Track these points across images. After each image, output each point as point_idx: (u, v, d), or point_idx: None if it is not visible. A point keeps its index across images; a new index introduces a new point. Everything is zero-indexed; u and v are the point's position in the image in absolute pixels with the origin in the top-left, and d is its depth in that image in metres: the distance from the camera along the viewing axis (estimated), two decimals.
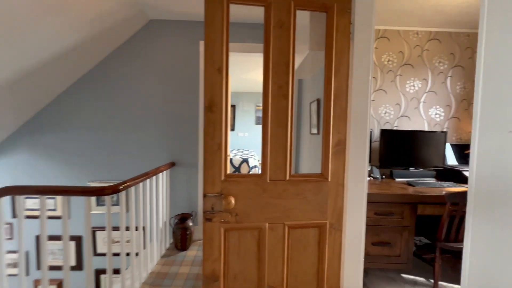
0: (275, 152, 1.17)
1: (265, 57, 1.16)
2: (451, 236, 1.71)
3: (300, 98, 2.35)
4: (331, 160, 1.23)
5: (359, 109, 1.25)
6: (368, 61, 1.23)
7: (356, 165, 1.27)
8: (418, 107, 2.53)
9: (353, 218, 1.28)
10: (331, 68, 1.21)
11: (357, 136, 1.26)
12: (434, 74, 2.52)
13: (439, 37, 2.50)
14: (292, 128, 1.19)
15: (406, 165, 2.33)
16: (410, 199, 1.71)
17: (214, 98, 1.11)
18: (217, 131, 1.12)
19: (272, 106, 1.16)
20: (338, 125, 1.23)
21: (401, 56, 2.48)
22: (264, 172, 1.17)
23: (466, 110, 2.59)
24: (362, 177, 1.28)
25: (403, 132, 2.34)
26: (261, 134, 1.18)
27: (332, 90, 1.21)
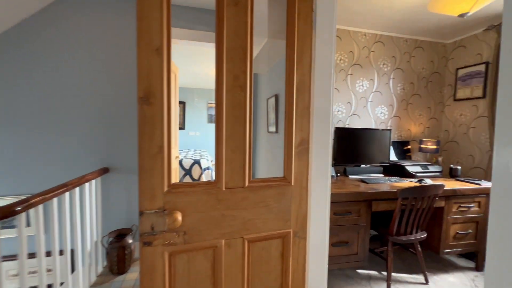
0: (231, 155, 0.98)
1: (218, 41, 0.95)
2: (401, 230, 1.78)
3: (255, 94, 2.20)
4: (294, 162, 1.10)
5: (322, 105, 1.15)
6: (331, 52, 1.14)
7: (319, 165, 1.17)
8: (366, 106, 2.65)
9: (317, 223, 1.18)
10: (293, 58, 1.07)
11: (320, 134, 1.16)
12: (379, 75, 2.67)
13: (383, 40, 2.65)
14: (251, 126, 1.02)
15: (357, 162, 2.41)
16: (366, 196, 1.73)
17: (152, 87, 0.86)
18: (157, 130, 0.87)
19: (227, 100, 0.96)
20: (301, 122, 1.11)
21: (352, 56, 2.55)
22: (218, 179, 0.97)
23: (405, 109, 2.82)
24: (325, 178, 1.18)
25: (355, 130, 2.40)
26: (214, 133, 0.98)
27: (295, 83, 1.08)
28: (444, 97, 2.95)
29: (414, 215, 1.75)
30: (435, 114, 2.94)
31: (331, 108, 1.18)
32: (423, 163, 2.47)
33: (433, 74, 2.89)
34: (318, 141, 1.15)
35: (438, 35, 2.73)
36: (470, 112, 2.68)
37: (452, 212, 2.01)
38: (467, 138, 2.70)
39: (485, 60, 2.55)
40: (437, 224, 2.03)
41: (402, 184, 2.01)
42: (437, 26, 2.51)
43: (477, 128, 2.61)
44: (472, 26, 2.53)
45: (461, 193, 1.99)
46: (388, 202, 1.81)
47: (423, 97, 2.88)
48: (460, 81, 2.77)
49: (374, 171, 2.42)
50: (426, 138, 2.88)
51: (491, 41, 2.50)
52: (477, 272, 2.12)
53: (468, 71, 2.69)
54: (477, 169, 2.60)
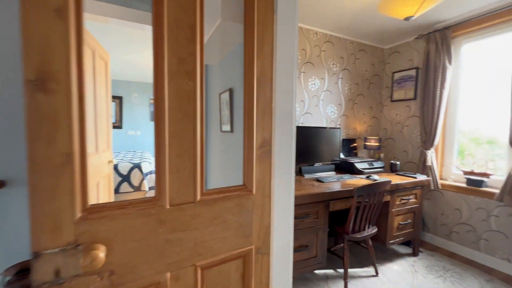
0: (177, 161, 0.76)
1: (156, 10, 0.72)
2: (355, 227, 1.81)
3: (206, 88, 1.97)
4: (256, 166, 0.94)
5: (284, 101, 1.01)
6: (294, 41, 1.01)
7: (283, 169, 1.03)
8: (318, 104, 2.67)
9: (281, 234, 1.05)
10: (252, 44, 0.90)
11: (283, 134, 1.02)
12: (329, 74, 2.73)
13: (332, 40, 2.71)
14: (203, 123, 0.81)
15: (312, 160, 2.40)
16: (324, 197, 1.69)
17: (51, 66, 0.57)
18: (62, 130, 0.59)
19: (171, 90, 0.74)
20: (262, 120, 0.95)
21: (304, 54, 2.54)
22: (160, 194, 0.74)
23: (351, 109, 2.96)
24: (289, 183, 1.05)
25: (308, 129, 2.38)
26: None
27: (255, 74, 0.92)
28: (383, 98, 3.21)
29: (367, 211, 1.80)
30: (376, 113, 3.18)
31: (294, 105, 1.05)
32: (368, 160, 2.61)
33: (374, 76, 3.12)
34: (281, 141, 1.01)
35: (378, 40, 2.94)
36: (404, 112, 2.96)
37: (395, 205, 2.15)
38: (402, 136, 2.99)
39: (415, 65, 2.84)
40: (383, 217, 2.15)
41: (354, 182, 2.06)
42: (378, 32, 2.69)
43: (410, 127, 2.90)
44: (405, 34, 2.79)
45: (402, 187, 2.14)
46: (344, 200, 1.81)
47: (366, 97, 3.07)
48: (396, 83, 3.04)
49: (327, 169, 2.46)
50: (369, 136, 3.09)
51: (420, 49, 2.79)
52: (414, 258, 2.33)
53: (402, 75, 2.97)
54: (411, 163, 2.89)
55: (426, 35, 2.63)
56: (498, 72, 2.27)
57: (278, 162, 1.00)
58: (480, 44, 2.40)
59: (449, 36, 2.44)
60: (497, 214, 2.20)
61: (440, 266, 2.20)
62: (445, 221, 2.57)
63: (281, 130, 1.01)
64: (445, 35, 2.46)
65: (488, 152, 2.35)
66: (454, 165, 2.58)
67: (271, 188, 0.99)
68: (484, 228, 2.28)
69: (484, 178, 2.29)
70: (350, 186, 1.88)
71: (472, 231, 2.37)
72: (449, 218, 2.53)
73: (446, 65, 2.46)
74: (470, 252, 2.37)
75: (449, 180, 2.60)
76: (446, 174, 2.64)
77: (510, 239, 2.13)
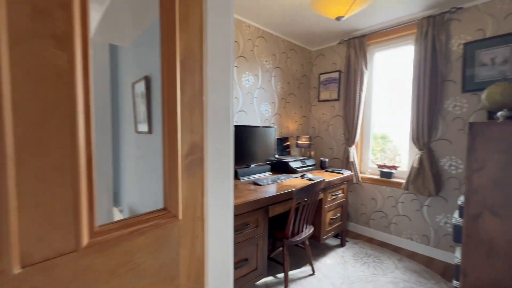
0: (38, 188, 0.44)
1: None
2: (294, 230, 1.75)
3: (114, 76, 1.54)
4: (183, 181, 0.69)
5: (220, 93, 0.79)
6: (230, 12, 0.79)
7: (219, 180, 0.80)
8: (252, 102, 2.55)
9: (218, 262, 0.83)
10: (173, 13, 0.64)
11: (219, 136, 0.80)
12: (263, 71, 2.64)
13: (265, 36, 2.63)
14: (91, 121, 0.51)
15: (247, 162, 2.25)
16: (263, 203, 1.55)
17: None
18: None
19: (18, 62, 0.41)
20: (190, 119, 0.70)
21: (237, 47, 2.36)
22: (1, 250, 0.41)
23: (284, 107, 2.97)
24: (227, 198, 0.84)
25: (244, 128, 2.22)
26: None
27: (178, 54, 0.66)
28: (311, 98, 3.36)
29: (305, 212, 1.76)
30: (305, 112, 3.30)
31: (231, 98, 0.84)
32: (301, 158, 2.66)
33: (303, 76, 3.22)
34: (216, 146, 0.79)
35: (306, 41, 3.04)
36: (330, 111, 3.17)
37: (327, 201, 2.23)
38: (328, 134, 3.19)
39: (338, 68, 3.06)
40: (317, 215, 2.19)
41: (291, 182, 2.02)
42: (307, 33, 2.76)
43: (334, 125, 3.12)
44: (329, 39, 2.96)
45: (333, 183, 2.23)
46: (283, 204, 1.73)
47: (297, 97, 3.14)
48: (322, 85, 3.22)
49: (263, 170, 2.36)
50: (300, 135, 3.18)
51: (342, 53, 3.02)
52: (343, 248, 2.49)
53: (327, 77, 3.16)
54: (336, 160, 3.12)
55: (346, 41, 2.85)
56: (401, 79, 2.65)
57: (212, 172, 0.77)
58: (387, 53, 2.74)
59: (365, 43, 2.70)
60: (402, 201, 2.56)
61: (363, 253, 2.41)
62: (364, 210, 2.86)
63: (216, 131, 0.78)
64: (362, 42, 2.71)
65: (395, 147, 2.72)
66: (370, 159, 2.90)
67: (204, 208, 0.76)
68: (393, 213, 2.63)
69: (392, 170, 2.63)
70: (288, 187, 1.82)
71: (384, 217, 2.70)
72: (367, 207, 2.83)
73: (363, 69, 2.71)
74: (383, 235, 2.70)
75: (366, 173, 2.91)
76: (364, 168, 2.95)
77: (412, 221, 2.50)
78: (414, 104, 2.35)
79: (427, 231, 2.41)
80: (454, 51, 2.23)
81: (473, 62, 2.13)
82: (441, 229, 2.32)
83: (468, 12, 2.14)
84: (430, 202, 2.38)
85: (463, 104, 2.19)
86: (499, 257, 1.41)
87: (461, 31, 2.18)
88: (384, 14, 2.34)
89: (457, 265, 1.65)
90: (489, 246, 1.44)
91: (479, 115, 2.11)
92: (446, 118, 2.28)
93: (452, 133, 2.24)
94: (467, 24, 2.15)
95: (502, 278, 1.39)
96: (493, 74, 2.06)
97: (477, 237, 1.48)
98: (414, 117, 2.35)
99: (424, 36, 2.27)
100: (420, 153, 2.32)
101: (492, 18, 2.04)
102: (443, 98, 2.29)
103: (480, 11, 2.09)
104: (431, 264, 2.26)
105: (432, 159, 2.31)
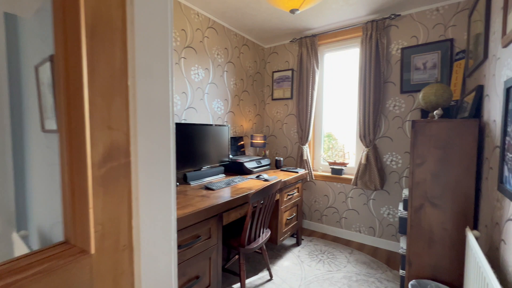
0: None
1: None
2: (251, 236, 1.62)
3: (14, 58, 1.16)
4: (96, 198, 0.48)
5: (154, 78, 0.59)
6: None
7: (155, 193, 0.61)
8: (203, 98, 2.33)
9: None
10: None
11: (153, 135, 0.60)
12: (214, 65, 2.44)
13: (216, 28, 2.44)
14: None
15: (198, 164, 2.04)
16: (216, 210, 1.37)
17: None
18: None
19: None
20: (107, 110, 0.49)
21: (184, 36, 2.11)
22: None
23: (238, 105, 2.82)
24: (167, 215, 0.65)
25: (193, 126, 2.00)
26: None
27: (82, 15, 0.45)
28: (265, 96, 3.30)
29: (262, 216, 1.65)
30: (259, 111, 3.22)
31: (171, 85, 0.65)
32: (256, 158, 2.55)
33: (257, 73, 3.13)
34: (150, 148, 0.59)
35: (258, 37, 2.95)
36: (283, 110, 3.15)
37: (284, 201, 2.17)
38: (282, 133, 3.17)
39: (291, 67, 3.06)
40: (274, 217, 2.12)
41: (246, 185, 1.89)
42: (259, 28, 2.66)
43: (288, 124, 3.11)
44: (282, 36, 2.93)
45: (289, 183, 2.18)
46: (238, 209, 1.58)
47: (250, 94, 3.03)
48: (276, 83, 3.19)
49: (216, 172, 2.17)
50: (254, 134, 3.08)
51: (294, 52, 3.02)
52: (298, 247, 2.48)
53: (281, 75, 3.14)
54: (290, 158, 3.12)
55: (299, 40, 2.86)
56: (349, 79, 2.77)
57: (146, 183, 0.58)
58: (337, 54, 2.84)
59: (316, 43, 2.74)
60: (352, 196, 2.68)
61: (318, 250, 2.44)
62: (317, 207, 2.92)
63: (150, 128, 0.58)
64: (313, 42, 2.74)
65: (345, 145, 2.84)
66: (322, 157, 2.97)
67: (133, 233, 0.55)
68: (344, 208, 2.74)
69: (343, 167, 2.74)
70: (243, 190, 1.68)
71: (336, 212, 2.79)
72: (320, 204, 2.90)
73: (315, 68, 2.75)
74: (335, 230, 2.79)
75: (319, 171, 2.98)
76: (317, 166, 3.01)
77: (360, 214, 2.64)
78: (361, 104, 2.46)
79: (373, 223, 2.56)
80: (394, 55, 2.40)
81: (409, 66, 2.33)
82: (384, 220, 2.50)
83: (405, 19, 2.33)
84: (375, 195, 2.54)
85: (402, 104, 2.38)
86: (437, 244, 1.52)
87: (399, 37, 2.37)
88: (333, 15, 2.39)
89: (403, 255, 1.76)
90: (429, 235, 1.54)
91: (414, 114, 2.32)
92: (388, 116, 2.45)
93: (393, 130, 2.43)
94: (404, 30, 2.34)
95: (439, 262, 1.51)
96: (425, 77, 2.28)
97: (420, 228, 1.58)
98: (361, 116, 2.47)
99: (368, 39, 2.40)
100: (366, 150, 2.45)
101: (423, 27, 2.25)
102: (385, 98, 2.46)
103: (414, 19, 2.29)
104: (377, 253, 2.41)
105: (377, 155, 2.46)
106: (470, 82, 1.88)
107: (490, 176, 1.28)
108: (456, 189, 1.46)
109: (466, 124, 1.42)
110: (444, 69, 2.19)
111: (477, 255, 1.04)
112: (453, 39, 2.13)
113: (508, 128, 1.02)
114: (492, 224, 1.21)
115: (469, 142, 1.42)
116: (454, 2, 2.10)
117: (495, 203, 1.18)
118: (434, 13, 2.20)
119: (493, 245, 1.18)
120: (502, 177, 1.06)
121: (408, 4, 2.19)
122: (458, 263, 1.45)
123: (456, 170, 1.46)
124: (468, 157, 1.43)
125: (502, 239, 1.06)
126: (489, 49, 1.41)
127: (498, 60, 1.23)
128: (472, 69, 1.77)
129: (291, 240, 2.63)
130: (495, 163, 1.21)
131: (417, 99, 2.30)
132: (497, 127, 1.20)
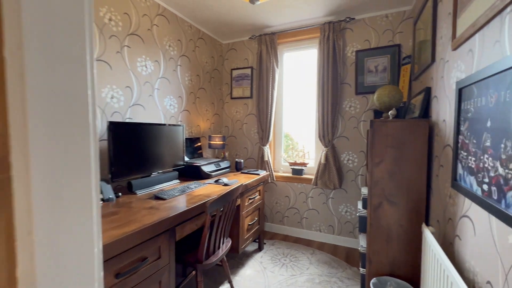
0: None
1: None
2: (210, 249, 1.44)
3: None
4: None
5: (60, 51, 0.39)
6: None
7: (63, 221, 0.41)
8: (153, 94, 2.06)
9: None
10: None
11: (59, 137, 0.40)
12: (166, 58, 2.18)
13: (167, 16, 2.18)
14: None
15: (147, 170, 1.77)
16: (168, 224, 1.16)
17: None
18: None
19: None
20: None
21: (128, 21, 1.82)
22: None
23: (194, 103, 2.60)
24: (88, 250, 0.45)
25: (141, 126, 1.73)
26: None
27: None
28: (223, 94, 3.13)
29: (221, 225, 1.48)
30: (217, 110, 3.04)
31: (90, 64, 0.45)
32: (215, 160, 2.37)
33: (214, 70, 2.94)
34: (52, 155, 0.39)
35: (216, 32, 2.77)
36: (243, 109, 3.02)
37: (245, 206, 2.03)
38: (242, 133, 3.04)
39: (250, 65, 2.95)
40: (235, 224, 1.97)
41: (203, 191, 1.70)
42: (216, 21, 2.49)
43: (248, 124, 3.00)
44: (241, 32, 2.80)
45: (250, 186, 2.06)
46: (194, 220, 1.39)
47: (208, 92, 2.83)
48: (235, 81, 3.04)
49: (168, 178, 1.92)
50: (213, 134, 2.89)
51: (253, 49, 2.92)
52: (261, 253, 2.38)
53: (240, 72, 3.00)
54: (251, 160, 3.00)
55: (258, 37, 2.76)
56: (308, 79, 2.78)
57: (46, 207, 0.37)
58: (296, 54, 2.83)
59: (276, 41, 2.68)
60: (312, 195, 2.69)
61: (280, 253, 2.37)
62: (279, 208, 2.87)
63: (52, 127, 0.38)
64: (273, 40, 2.68)
65: (305, 145, 2.84)
66: (283, 158, 2.93)
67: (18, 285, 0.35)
68: (304, 208, 2.73)
69: (303, 167, 2.73)
70: (200, 198, 1.49)
71: (297, 213, 2.77)
72: (281, 205, 2.85)
73: (275, 67, 2.69)
74: (297, 231, 2.77)
75: (280, 171, 2.93)
76: (277, 166, 2.95)
77: (320, 214, 2.66)
78: (319, 104, 2.48)
79: (332, 221, 2.61)
80: (349, 57, 2.48)
81: (363, 68, 2.43)
82: (342, 217, 2.56)
83: (359, 23, 2.41)
84: (333, 194, 2.59)
85: (356, 105, 2.46)
86: (394, 241, 1.56)
87: (353, 40, 2.45)
88: (293, 13, 2.35)
89: (363, 253, 1.78)
90: (388, 232, 1.58)
91: (367, 114, 2.42)
92: (344, 117, 2.51)
93: (349, 130, 2.50)
94: (358, 34, 2.43)
95: (397, 259, 1.55)
96: (376, 80, 2.39)
97: (379, 226, 1.60)
98: (320, 116, 2.48)
99: (326, 40, 2.42)
100: (325, 150, 2.47)
101: (375, 31, 2.36)
102: (342, 99, 2.52)
103: (367, 24, 2.39)
104: (337, 251, 2.45)
105: (335, 154, 2.50)
106: (416, 85, 2.01)
107: (440, 173, 1.35)
108: (410, 186, 1.51)
109: (418, 124, 1.48)
110: (393, 72, 2.33)
111: (436, 249, 1.05)
112: (400, 45, 2.27)
113: (461, 127, 1.06)
114: (445, 220, 1.26)
115: (421, 141, 1.48)
116: (400, 10, 2.24)
117: (447, 200, 1.23)
118: (384, 19, 2.31)
119: (447, 240, 1.23)
120: (456, 174, 1.10)
121: (362, 8, 2.27)
122: (414, 258, 1.50)
123: (410, 168, 1.51)
124: (420, 155, 1.49)
125: (457, 234, 1.10)
126: (436, 53, 1.50)
127: (447, 62, 1.29)
128: (418, 73, 1.89)
129: (253, 245, 2.51)
130: (445, 161, 1.27)
131: (370, 100, 2.40)
132: (447, 127, 1.26)
